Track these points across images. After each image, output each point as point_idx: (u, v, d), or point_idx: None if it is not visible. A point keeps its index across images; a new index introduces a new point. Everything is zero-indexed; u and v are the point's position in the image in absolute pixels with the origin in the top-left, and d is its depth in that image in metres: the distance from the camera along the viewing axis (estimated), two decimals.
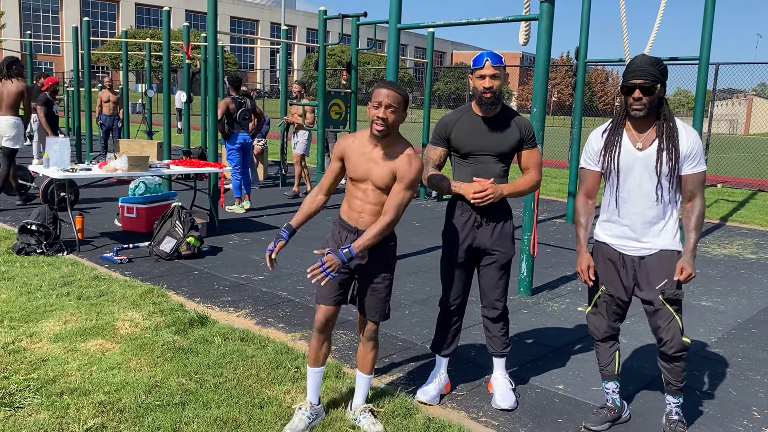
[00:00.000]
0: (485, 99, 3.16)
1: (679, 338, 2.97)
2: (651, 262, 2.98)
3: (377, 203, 2.89)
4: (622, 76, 2.90)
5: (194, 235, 6.23)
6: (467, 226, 3.27)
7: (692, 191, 2.93)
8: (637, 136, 2.94)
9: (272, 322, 4.56)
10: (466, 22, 5.78)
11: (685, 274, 2.89)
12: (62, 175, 6.25)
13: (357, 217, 2.93)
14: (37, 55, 55.63)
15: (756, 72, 47.10)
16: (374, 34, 10.32)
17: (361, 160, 2.88)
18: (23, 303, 4.58)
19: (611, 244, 3.08)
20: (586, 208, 3.13)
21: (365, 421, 3.05)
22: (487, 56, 3.16)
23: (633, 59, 2.89)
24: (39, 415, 3.04)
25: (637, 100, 2.84)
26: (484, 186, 3.13)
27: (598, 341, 3.23)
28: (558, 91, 69.81)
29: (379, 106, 2.77)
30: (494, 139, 3.22)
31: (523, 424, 3.23)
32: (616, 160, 2.96)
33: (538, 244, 7.56)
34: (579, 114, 8.66)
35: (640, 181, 2.94)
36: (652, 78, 2.80)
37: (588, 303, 3.23)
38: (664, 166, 2.87)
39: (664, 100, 2.92)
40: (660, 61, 2.85)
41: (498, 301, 3.37)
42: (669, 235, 2.97)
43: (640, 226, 2.98)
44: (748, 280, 6.30)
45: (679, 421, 3.10)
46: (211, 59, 7.72)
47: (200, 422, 3.01)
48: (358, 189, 2.92)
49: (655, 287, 2.97)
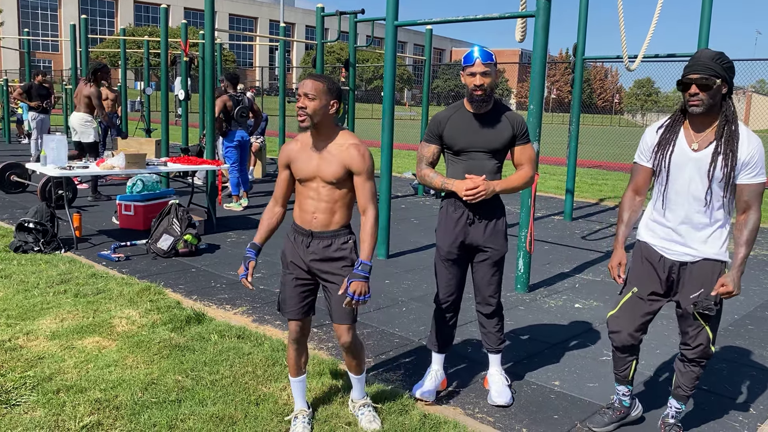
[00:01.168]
0: (476, 96, 3.16)
1: (705, 347, 2.88)
2: (691, 270, 2.84)
3: (330, 200, 2.82)
4: (683, 70, 2.73)
5: (191, 232, 6.23)
6: (460, 223, 3.28)
7: (747, 202, 2.74)
8: (694, 136, 2.76)
9: (269, 320, 4.56)
10: (463, 18, 5.78)
11: (725, 289, 2.73)
12: (59, 173, 6.24)
13: (310, 219, 2.84)
14: (36, 53, 55.61)
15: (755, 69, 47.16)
16: (372, 31, 10.31)
17: (307, 160, 2.82)
18: (20, 300, 4.58)
19: (653, 244, 2.93)
20: (631, 203, 3.02)
21: (364, 417, 3.05)
22: (477, 53, 3.15)
23: (694, 54, 2.72)
24: (35, 412, 3.04)
25: (693, 96, 2.67)
26: (476, 183, 3.13)
27: (616, 349, 3.09)
28: (557, 88, 69.80)
29: (299, 97, 2.74)
30: (486, 135, 3.22)
31: (518, 420, 3.23)
32: (667, 158, 2.80)
33: (536, 240, 7.57)
34: (577, 111, 8.66)
35: (690, 182, 2.77)
36: (710, 72, 2.63)
37: (615, 304, 3.09)
38: (718, 171, 2.70)
39: (729, 100, 2.72)
40: (723, 55, 2.67)
41: (491, 297, 3.38)
42: (716, 243, 2.80)
43: (685, 229, 2.82)
44: (745, 276, 6.31)
45: (674, 425, 3.06)
46: (208, 57, 7.71)
47: (196, 419, 3.01)
48: (309, 189, 2.84)
49: (689, 296, 2.84)
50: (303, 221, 2.87)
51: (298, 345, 2.98)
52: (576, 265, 6.50)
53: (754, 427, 3.27)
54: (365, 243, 2.78)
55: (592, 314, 4.95)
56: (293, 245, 2.91)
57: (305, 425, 2.98)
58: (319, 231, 2.84)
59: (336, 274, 2.85)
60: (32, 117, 12.51)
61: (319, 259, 2.85)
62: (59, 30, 60.54)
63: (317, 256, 2.85)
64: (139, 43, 33.25)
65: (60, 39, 23.01)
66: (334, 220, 2.85)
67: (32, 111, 12.48)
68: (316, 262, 2.85)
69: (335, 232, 2.85)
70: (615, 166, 17.53)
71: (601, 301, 5.28)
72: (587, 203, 10.85)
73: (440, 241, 3.35)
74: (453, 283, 3.37)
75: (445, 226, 3.32)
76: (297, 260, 2.90)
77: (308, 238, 2.85)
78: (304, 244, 2.87)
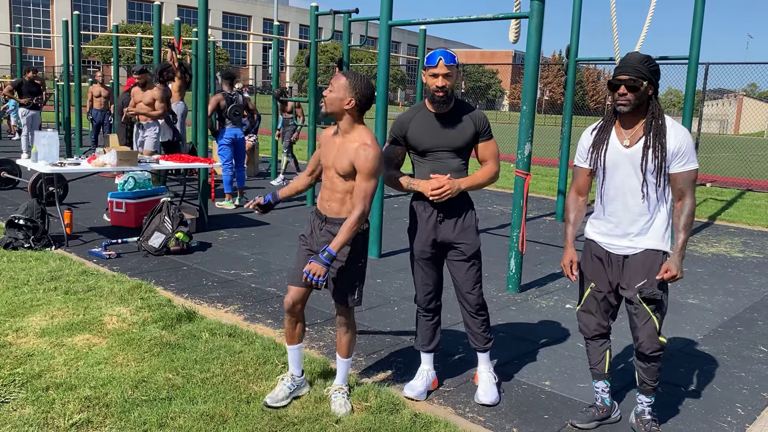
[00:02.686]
0: (437, 97, 3.19)
1: (654, 339, 2.96)
2: (634, 261, 2.96)
3: (342, 191, 3.02)
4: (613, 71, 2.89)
5: (183, 230, 6.22)
6: (430, 223, 3.30)
7: (682, 190, 2.88)
8: (624, 134, 2.92)
9: (260, 318, 4.56)
10: (456, 19, 5.79)
11: (669, 274, 2.85)
12: (50, 170, 6.21)
13: (326, 205, 3.08)
14: (27, 49, 55.20)
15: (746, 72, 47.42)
16: (366, 31, 10.30)
17: (329, 148, 3.07)
18: (10, 297, 4.55)
19: (598, 241, 3.08)
20: (575, 204, 3.15)
21: (336, 401, 3.16)
22: (440, 55, 3.18)
23: (624, 56, 2.88)
24: (24, 409, 3.03)
25: (622, 96, 2.83)
26: (441, 182, 3.16)
27: (588, 339, 3.23)
28: (550, 89, 70.01)
29: None
30: (449, 134, 3.25)
31: (509, 420, 3.24)
32: (603, 156, 2.96)
33: (527, 241, 7.59)
34: (569, 112, 8.70)
35: (626, 178, 2.92)
36: (637, 74, 2.79)
37: (578, 301, 3.23)
38: (650, 163, 2.85)
39: (654, 98, 2.89)
40: (650, 58, 2.83)
41: (470, 293, 3.37)
42: (655, 234, 2.94)
43: (626, 223, 2.96)
44: (735, 278, 6.35)
45: (652, 420, 3.10)
46: (201, 55, 7.69)
47: (187, 417, 3.00)
48: (326, 177, 3.09)
49: (634, 286, 2.96)
50: (321, 206, 3.12)
51: (291, 315, 3.19)
52: None
53: (743, 428, 3.29)
54: (340, 234, 2.93)
55: (576, 314, 4.97)
56: (311, 224, 3.17)
57: (284, 387, 3.21)
58: (332, 217, 3.06)
59: (338, 260, 3.05)
60: (22, 113, 12.44)
61: (327, 242, 3.02)
62: (51, 26, 60.19)
63: (326, 239, 3.04)
64: (131, 40, 33.11)
65: (52, 35, 22.89)
66: (345, 209, 3.04)
67: (22, 107, 12.42)
68: (324, 245, 3.03)
69: (344, 221, 3.01)
70: None
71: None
72: None
73: (413, 242, 3.38)
74: (430, 282, 3.40)
75: (416, 226, 3.35)
76: (311, 236, 3.15)
77: (323, 222, 3.09)
78: (318, 226, 3.12)
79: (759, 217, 10.07)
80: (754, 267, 6.87)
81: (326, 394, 3.26)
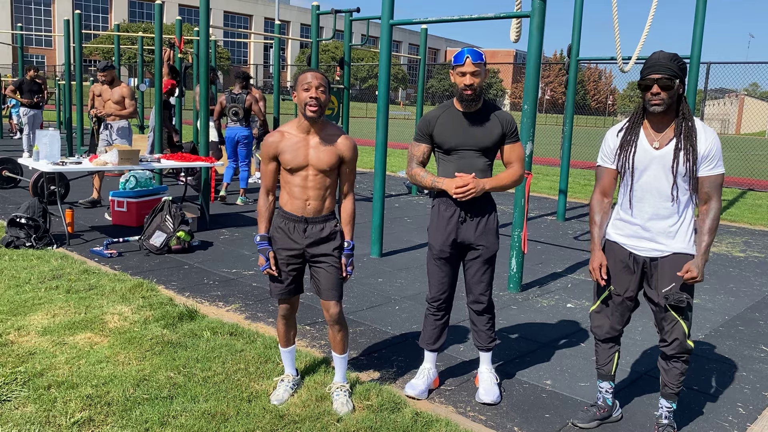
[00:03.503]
0: (465, 96, 3.18)
1: (682, 341, 2.93)
2: (662, 265, 2.91)
3: (321, 188, 3.04)
4: (640, 72, 2.82)
5: (184, 229, 6.22)
6: (451, 222, 3.29)
7: (708, 193, 2.83)
8: (654, 135, 2.86)
9: (262, 317, 4.56)
10: (458, 18, 5.78)
11: (690, 275, 2.80)
12: (52, 169, 6.22)
13: (303, 205, 3.05)
14: (29, 48, 55.23)
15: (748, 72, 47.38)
16: (367, 30, 10.30)
17: (296, 150, 3.00)
18: (11, 296, 4.56)
19: (622, 243, 3.01)
20: (601, 206, 3.08)
21: (338, 399, 3.17)
22: (468, 53, 3.16)
23: (651, 56, 2.81)
24: (26, 408, 3.03)
25: (655, 95, 2.77)
26: (466, 181, 3.14)
27: (599, 341, 3.19)
28: (551, 89, 69.98)
29: (309, 88, 2.92)
30: (476, 134, 3.24)
31: (510, 419, 3.25)
32: (631, 158, 2.89)
33: (529, 240, 7.59)
34: (571, 112, 8.69)
35: (654, 180, 2.86)
36: (670, 73, 2.73)
37: (594, 301, 3.19)
38: (681, 166, 2.79)
39: (684, 98, 2.83)
40: (678, 56, 2.78)
41: (482, 295, 3.39)
42: (684, 237, 2.88)
43: (653, 226, 2.90)
44: (736, 278, 6.35)
45: (668, 425, 3.08)
46: (203, 54, 7.69)
47: (188, 416, 3.01)
48: (298, 177, 3.03)
49: (661, 290, 2.91)
50: (294, 208, 3.06)
51: (287, 321, 3.26)
52: (568, 265, 6.53)
53: (744, 427, 3.29)
54: (349, 225, 3.14)
55: (584, 314, 4.97)
56: (284, 232, 3.09)
57: (287, 388, 3.27)
58: (312, 216, 3.07)
59: (328, 255, 3.10)
60: (23, 113, 12.45)
61: (313, 242, 3.07)
62: (53, 25, 60.22)
63: (312, 239, 3.07)
64: (133, 39, 33.11)
65: (53, 34, 22.86)
66: (326, 206, 3.09)
67: (23, 107, 12.42)
68: (312, 245, 3.08)
69: (326, 217, 3.10)
70: None
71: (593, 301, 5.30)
72: (580, 204, 10.89)
73: (432, 240, 3.36)
74: (445, 281, 3.39)
75: (437, 224, 3.33)
76: (289, 245, 3.09)
77: (303, 224, 3.07)
78: (299, 229, 3.07)
79: (760, 217, 10.06)
80: (756, 267, 6.87)
81: (327, 392, 3.27)
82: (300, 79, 2.96)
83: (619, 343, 3.20)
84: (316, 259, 3.10)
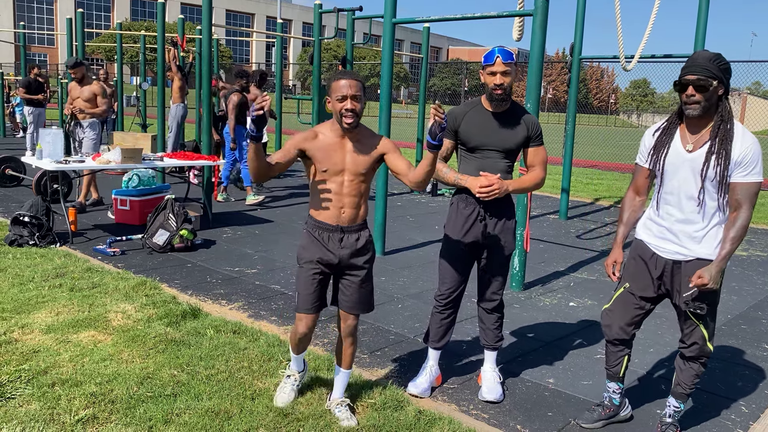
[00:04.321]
0: (496, 96, 3.16)
1: (701, 345, 2.91)
2: (685, 269, 2.85)
3: (357, 194, 2.89)
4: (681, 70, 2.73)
5: (187, 228, 6.23)
6: (470, 220, 3.28)
7: (739, 201, 2.71)
8: (689, 137, 2.78)
9: (265, 315, 4.57)
10: (461, 17, 5.78)
11: (700, 281, 2.69)
12: (55, 167, 6.23)
13: (338, 213, 2.88)
14: (31, 47, 55.29)
15: (750, 70, 47.23)
16: (370, 29, 10.30)
17: (332, 152, 2.85)
18: (15, 294, 4.57)
19: (647, 242, 2.97)
20: (631, 203, 3.06)
21: (342, 414, 3.06)
22: (498, 53, 3.13)
23: (692, 55, 2.72)
24: (30, 405, 3.04)
25: (690, 97, 2.67)
26: (491, 181, 3.12)
27: (609, 341, 3.15)
28: (553, 87, 69.88)
29: (345, 99, 2.77)
30: (502, 134, 3.23)
31: (513, 417, 3.25)
32: (662, 159, 2.83)
33: (531, 239, 7.58)
34: (573, 110, 8.68)
35: (683, 183, 2.79)
36: (707, 74, 2.62)
37: (610, 299, 3.15)
38: (711, 170, 2.70)
39: (725, 100, 2.71)
40: (720, 56, 2.66)
41: (495, 294, 3.39)
42: (710, 243, 2.79)
43: (679, 229, 2.84)
44: (738, 276, 6.34)
45: (672, 424, 3.06)
46: (205, 52, 7.70)
47: (191, 413, 3.02)
48: (332, 183, 2.86)
49: (683, 295, 2.86)
50: (328, 217, 2.89)
51: (305, 337, 3.05)
52: (571, 263, 6.52)
53: (747, 426, 3.30)
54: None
55: (587, 313, 4.97)
56: (319, 243, 2.91)
57: (293, 388, 3.21)
58: (348, 225, 2.91)
59: (361, 267, 2.96)
60: (29, 111, 12.48)
61: (350, 253, 2.92)
62: (55, 24, 60.27)
63: (349, 250, 2.92)
64: (135, 37, 33.11)
65: (56, 33, 22.88)
66: (360, 214, 2.93)
67: (29, 105, 12.45)
68: (348, 256, 2.92)
69: (361, 226, 2.95)
70: (610, 165, 17.57)
71: (595, 300, 5.30)
72: (582, 202, 10.88)
73: (449, 237, 3.36)
74: (457, 278, 3.38)
75: (455, 221, 3.33)
76: (325, 256, 2.91)
77: (339, 234, 2.90)
78: (334, 239, 2.90)
79: (763, 216, 10.04)
80: (758, 265, 6.86)
81: (327, 408, 3.13)
82: (333, 86, 2.80)
83: (630, 347, 3.14)
84: (348, 272, 2.97)
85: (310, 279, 2.93)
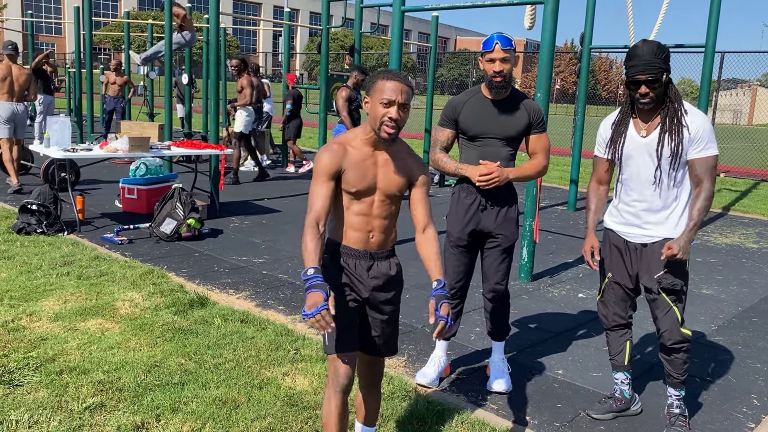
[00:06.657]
0: (495, 83, 3.13)
1: (676, 329, 2.93)
2: (652, 250, 2.92)
3: (387, 216, 2.37)
4: (625, 66, 2.79)
5: (195, 217, 6.22)
6: (472, 209, 3.26)
7: (699, 176, 2.80)
8: (642, 125, 2.88)
9: (272, 305, 4.56)
10: (471, 5, 5.72)
11: (670, 252, 2.75)
12: (63, 155, 6.22)
13: (366, 238, 2.35)
14: (39, 36, 55.32)
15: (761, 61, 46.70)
16: (378, 18, 10.24)
17: (366, 168, 2.31)
18: (23, 282, 4.57)
19: (616, 230, 3.06)
20: (596, 192, 3.13)
21: None
22: (497, 39, 3.09)
23: (634, 47, 2.78)
24: (38, 393, 3.04)
25: (643, 96, 2.76)
26: (490, 169, 3.10)
27: (608, 330, 3.19)
28: (561, 78, 69.47)
29: (391, 104, 2.23)
30: (502, 122, 3.19)
31: (521, 408, 3.23)
32: (620, 149, 2.93)
33: (540, 230, 7.54)
34: (583, 102, 8.61)
35: (642, 168, 2.88)
36: (656, 70, 2.71)
37: (598, 291, 3.21)
38: (666, 148, 2.79)
39: (670, 83, 2.82)
40: (662, 47, 2.74)
41: (499, 284, 3.36)
42: (674, 223, 2.88)
43: (642, 212, 2.93)
44: (749, 269, 6.29)
45: (680, 415, 3.05)
46: (213, 42, 7.66)
47: (199, 402, 3.01)
48: (362, 203, 2.33)
49: (653, 276, 2.92)
50: (356, 242, 2.36)
51: (345, 395, 2.34)
52: (579, 255, 6.48)
53: (758, 419, 3.26)
54: (438, 262, 2.34)
55: (595, 304, 4.93)
56: (348, 270, 2.37)
57: None
58: (377, 251, 2.39)
59: (390, 302, 2.44)
60: (40, 101, 12.48)
61: (380, 285, 2.39)
62: (62, 13, 60.31)
63: (379, 281, 2.39)
64: (142, 27, 33.07)
65: (63, 22, 22.89)
66: (390, 239, 2.42)
67: (40, 93, 12.44)
68: (377, 288, 2.39)
69: (390, 252, 2.44)
70: None
71: None
72: None
73: (451, 227, 3.33)
74: (462, 269, 3.36)
75: (457, 211, 3.30)
76: (355, 283, 2.37)
77: (369, 261, 2.38)
78: (362, 267, 2.37)
79: None
80: None
81: None
82: (380, 86, 2.26)
83: (630, 328, 3.18)
84: (379, 308, 2.42)
85: (344, 308, 2.34)
